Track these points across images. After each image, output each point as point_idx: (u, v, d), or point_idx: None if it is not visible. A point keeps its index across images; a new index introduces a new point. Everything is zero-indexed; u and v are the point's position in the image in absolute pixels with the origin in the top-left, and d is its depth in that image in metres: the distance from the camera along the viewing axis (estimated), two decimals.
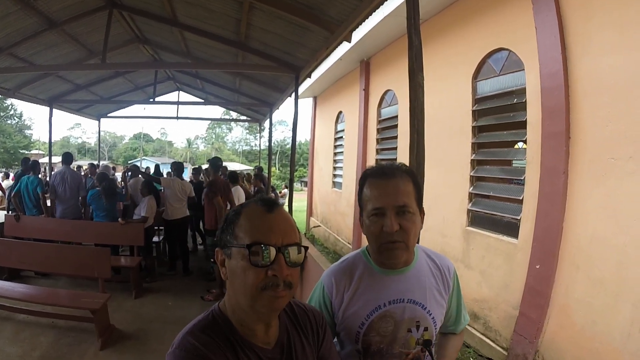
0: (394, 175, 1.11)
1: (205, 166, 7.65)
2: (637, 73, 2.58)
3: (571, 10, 3.06)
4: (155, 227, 6.24)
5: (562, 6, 3.12)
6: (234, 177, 6.18)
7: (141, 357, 3.46)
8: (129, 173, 6.75)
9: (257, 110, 11.54)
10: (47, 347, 3.50)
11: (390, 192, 1.08)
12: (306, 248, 0.87)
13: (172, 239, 6.09)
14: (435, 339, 1.23)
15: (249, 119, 13.80)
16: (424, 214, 1.16)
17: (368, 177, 1.15)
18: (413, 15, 2.04)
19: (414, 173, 1.19)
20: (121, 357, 3.43)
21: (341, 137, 8.99)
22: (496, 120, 4.03)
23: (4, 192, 8.86)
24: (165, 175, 7.97)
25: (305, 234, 10.46)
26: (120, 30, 6.47)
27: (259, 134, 15.95)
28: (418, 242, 1.28)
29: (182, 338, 0.81)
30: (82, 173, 9.35)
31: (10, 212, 5.91)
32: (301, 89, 6.67)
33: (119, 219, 5.41)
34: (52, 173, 6.76)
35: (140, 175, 6.53)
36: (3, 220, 5.62)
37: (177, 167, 6.24)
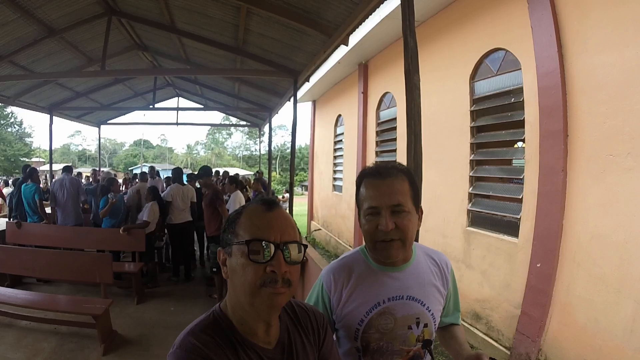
0: (390, 174, 1.12)
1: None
2: (633, 69, 2.60)
3: (566, 8, 3.08)
4: (158, 234, 6.23)
5: (557, 5, 3.14)
6: (236, 181, 6.16)
7: None
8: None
9: (257, 115, 11.58)
10: (50, 353, 3.50)
11: (385, 191, 1.10)
12: (305, 246, 0.88)
13: (175, 244, 6.09)
14: (435, 337, 1.23)
15: (248, 123, 13.83)
16: (422, 212, 1.17)
17: (364, 177, 1.17)
18: (408, 17, 2.07)
19: (411, 172, 1.20)
20: None
21: (341, 140, 9.00)
22: (494, 120, 4.05)
23: (4, 199, 8.88)
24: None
25: (306, 237, 10.44)
26: (120, 37, 6.51)
27: (258, 139, 15.96)
28: (417, 241, 1.29)
29: (183, 338, 0.81)
30: (83, 179, 9.43)
31: (11, 219, 5.92)
32: (300, 93, 6.70)
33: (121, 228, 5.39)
34: (52, 181, 6.82)
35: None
36: (4, 228, 5.63)
37: (176, 174, 6.29)
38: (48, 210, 6.07)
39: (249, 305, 0.83)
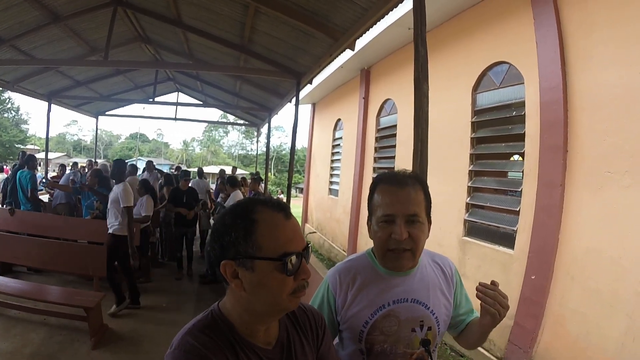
0: (407, 183, 1.12)
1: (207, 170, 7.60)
2: (635, 88, 2.64)
3: (572, 25, 3.13)
4: (152, 228, 6.16)
5: (563, 22, 3.19)
6: (234, 181, 6.11)
7: (134, 357, 3.41)
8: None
9: (256, 115, 11.58)
10: (38, 345, 3.45)
11: (401, 200, 1.10)
12: (308, 244, 0.90)
13: (179, 238, 6.03)
14: (438, 340, 1.23)
15: (247, 123, 13.81)
16: (431, 223, 1.17)
17: (380, 183, 1.16)
18: (420, 26, 2.09)
19: (425, 183, 1.20)
20: (113, 357, 3.38)
21: (339, 144, 9.02)
22: (495, 132, 4.08)
23: None
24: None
25: None
26: (124, 28, 6.50)
27: (255, 139, 15.93)
28: None
29: (182, 338, 0.80)
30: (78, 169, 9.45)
31: (4, 206, 5.85)
32: (301, 95, 6.71)
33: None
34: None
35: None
36: None
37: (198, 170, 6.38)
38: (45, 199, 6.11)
39: (270, 315, 0.85)
